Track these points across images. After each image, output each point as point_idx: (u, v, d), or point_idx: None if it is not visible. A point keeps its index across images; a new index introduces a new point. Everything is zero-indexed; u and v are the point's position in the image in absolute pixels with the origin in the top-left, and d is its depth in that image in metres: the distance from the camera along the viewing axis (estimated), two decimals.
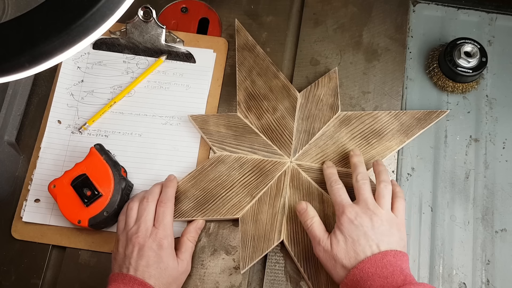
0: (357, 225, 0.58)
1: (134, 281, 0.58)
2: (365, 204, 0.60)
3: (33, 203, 0.69)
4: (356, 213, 0.59)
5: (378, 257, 0.56)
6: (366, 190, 0.62)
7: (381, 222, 0.59)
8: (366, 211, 0.60)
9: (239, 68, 0.75)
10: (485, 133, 0.74)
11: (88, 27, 0.39)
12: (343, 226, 0.59)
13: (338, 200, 0.62)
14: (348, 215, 0.59)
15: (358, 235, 0.58)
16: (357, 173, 0.64)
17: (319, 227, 0.62)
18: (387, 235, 0.59)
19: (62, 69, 0.75)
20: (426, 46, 0.78)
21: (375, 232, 0.58)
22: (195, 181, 0.70)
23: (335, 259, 0.58)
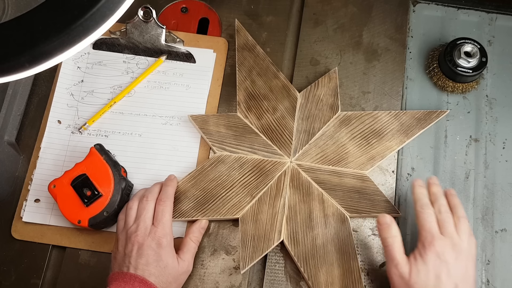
0: (442, 261, 0.57)
1: (135, 279, 0.58)
2: (451, 239, 0.58)
3: (33, 203, 0.69)
4: (444, 249, 0.57)
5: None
6: (451, 224, 0.60)
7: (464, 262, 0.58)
8: (454, 248, 0.58)
9: (239, 68, 0.75)
10: (485, 133, 0.74)
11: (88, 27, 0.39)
12: (428, 258, 0.57)
13: (427, 227, 0.59)
14: (437, 248, 0.57)
15: (441, 271, 0.56)
16: (440, 205, 0.62)
17: (400, 249, 0.59)
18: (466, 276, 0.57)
19: (62, 69, 0.75)
20: (426, 46, 0.78)
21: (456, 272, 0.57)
22: (195, 181, 0.70)
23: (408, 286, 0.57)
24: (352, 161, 0.71)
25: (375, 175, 0.71)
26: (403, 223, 0.69)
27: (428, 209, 0.61)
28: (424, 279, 0.56)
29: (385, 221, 0.61)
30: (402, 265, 0.58)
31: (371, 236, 0.68)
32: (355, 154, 0.71)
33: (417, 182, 0.64)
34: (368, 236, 0.68)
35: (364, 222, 0.69)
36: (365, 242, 0.68)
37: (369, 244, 0.68)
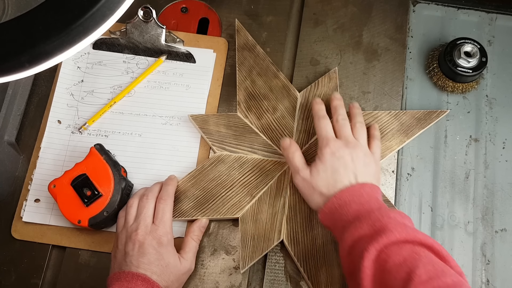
0: (338, 157, 0.62)
1: (138, 277, 0.58)
2: (346, 140, 0.64)
3: (33, 203, 0.69)
4: (339, 147, 0.63)
5: (356, 188, 0.60)
6: (346, 128, 0.65)
7: (360, 156, 0.63)
8: (347, 145, 0.63)
9: (239, 68, 0.75)
10: (485, 133, 0.74)
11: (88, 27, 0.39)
12: (324, 157, 0.62)
13: (323, 133, 0.65)
14: (331, 147, 0.63)
15: (338, 165, 0.61)
16: (337, 115, 0.67)
17: (300, 159, 0.65)
18: (364, 167, 0.62)
19: (62, 69, 0.75)
20: (426, 46, 0.78)
21: (354, 164, 0.62)
22: (195, 180, 0.70)
23: (314, 187, 0.62)
24: None
25: None
26: None
27: (324, 119, 0.66)
28: (324, 175, 0.61)
29: (286, 143, 0.66)
30: (303, 170, 0.63)
31: None
32: None
33: (315, 100, 0.69)
34: None
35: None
36: None
37: None
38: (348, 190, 0.60)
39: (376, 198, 0.60)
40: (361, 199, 0.59)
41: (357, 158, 0.62)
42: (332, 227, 0.61)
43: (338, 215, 0.59)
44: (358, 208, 0.58)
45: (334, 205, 0.59)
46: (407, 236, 0.52)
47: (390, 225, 0.54)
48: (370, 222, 0.55)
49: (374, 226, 0.54)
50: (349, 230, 0.56)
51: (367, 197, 0.59)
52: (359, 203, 0.58)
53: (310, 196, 0.63)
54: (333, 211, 0.59)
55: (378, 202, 0.59)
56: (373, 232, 0.54)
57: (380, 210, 0.56)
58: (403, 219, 0.56)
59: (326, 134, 0.64)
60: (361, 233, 0.55)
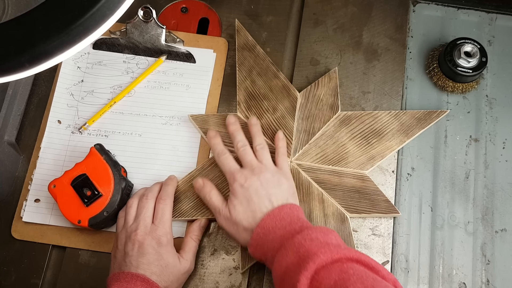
0: (247, 187, 0.62)
1: (137, 278, 0.58)
2: (250, 167, 0.64)
3: (33, 203, 0.69)
4: (245, 176, 0.63)
5: (276, 212, 0.60)
6: (248, 154, 0.65)
7: (268, 178, 0.63)
8: (253, 172, 0.63)
9: (239, 68, 0.75)
10: (485, 133, 0.74)
11: (88, 27, 0.39)
12: (235, 191, 0.62)
13: (227, 169, 0.65)
14: (239, 180, 0.62)
15: (250, 195, 0.61)
16: (236, 142, 0.67)
17: (217, 198, 0.64)
18: (276, 186, 0.62)
19: (62, 69, 0.75)
20: (426, 46, 0.78)
21: (264, 188, 0.62)
22: None
23: (236, 224, 0.61)
24: (352, 161, 0.71)
25: (375, 175, 0.71)
26: (403, 223, 0.69)
27: (224, 154, 0.66)
28: (241, 209, 0.61)
29: (199, 184, 0.66)
30: (222, 209, 0.63)
31: (371, 236, 0.68)
32: (355, 154, 0.71)
33: (209, 135, 0.69)
34: (368, 236, 0.68)
35: (364, 222, 0.69)
36: (365, 242, 0.68)
37: (369, 244, 0.68)
38: (268, 217, 0.59)
39: (297, 218, 0.59)
40: (283, 223, 0.58)
41: (266, 181, 0.62)
42: (263, 259, 0.59)
43: (265, 245, 0.58)
44: (282, 233, 0.57)
45: (259, 235, 0.59)
46: (333, 256, 0.52)
47: (314, 247, 0.53)
48: (295, 248, 0.54)
49: (299, 252, 0.54)
50: (277, 259, 0.56)
51: (288, 219, 0.59)
52: (282, 227, 0.58)
53: (237, 234, 0.62)
54: (260, 242, 0.59)
55: (300, 222, 0.58)
56: (299, 259, 0.53)
57: (302, 233, 0.55)
58: (325, 237, 0.55)
59: (230, 169, 0.64)
60: (288, 261, 0.54)
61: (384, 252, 0.68)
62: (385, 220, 0.69)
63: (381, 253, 0.68)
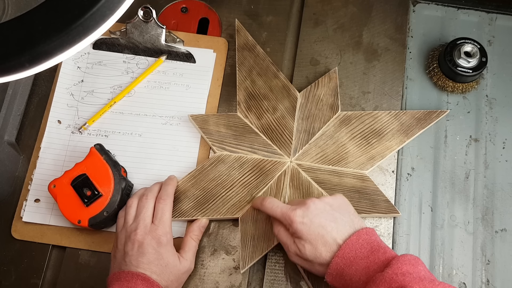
0: (309, 224, 0.58)
1: (137, 277, 0.58)
2: (297, 202, 0.62)
3: (33, 203, 0.69)
4: (302, 212, 0.59)
5: (354, 240, 0.57)
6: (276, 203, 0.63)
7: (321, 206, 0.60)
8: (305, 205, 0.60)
9: (239, 68, 0.75)
10: (485, 133, 0.74)
11: (88, 27, 0.39)
12: (298, 231, 0.58)
13: (278, 211, 0.61)
14: (296, 219, 0.59)
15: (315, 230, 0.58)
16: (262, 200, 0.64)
17: (285, 234, 0.61)
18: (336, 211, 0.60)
19: (62, 69, 0.75)
20: (426, 46, 0.78)
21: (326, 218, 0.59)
22: (195, 180, 0.70)
23: (310, 261, 0.59)
24: (352, 161, 0.71)
25: (375, 175, 0.71)
26: (403, 223, 0.69)
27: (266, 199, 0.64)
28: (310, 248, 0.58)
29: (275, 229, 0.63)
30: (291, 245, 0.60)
31: None
32: (355, 154, 0.71)
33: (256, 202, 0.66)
34: None
35: (364, 222, 0.69)
36: None
37: None
38: (346, 246, 0.56)
39: (377, 244, 0.57)
40: (363, 251, 0.56)
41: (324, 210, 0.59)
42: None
43: (348, 276, 0.56)
44: (366, 264, 0.55)
45: (339, 265, 0.56)
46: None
47: (407, 283, 0.51)
48: (386, 284, 0.52)
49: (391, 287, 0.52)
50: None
51: (368, 247, 0.57)
52: (364, 257, 0.56)
53: (311, 268, 0.60)
54: (340, 272, 0.56)
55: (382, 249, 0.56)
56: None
57: (392, 267, 0.53)
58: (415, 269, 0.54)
59: (281, 210, 0.61)
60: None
61: None
62: (385, 220, 0.69)
63: None
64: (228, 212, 0.68)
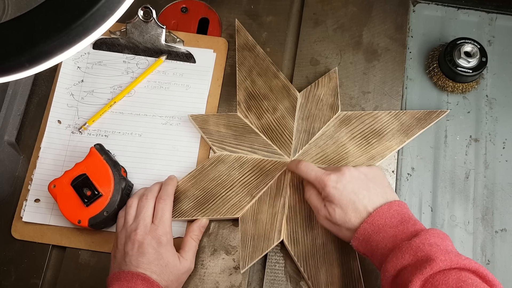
0: (342, 189, 0.59)
1: (137, 277, 0.58)
2: (333, 169, 0.62)
3: (33, 203, 0.69)
4: (336, 178, 0.60)
5: (385, 209, 0.58)
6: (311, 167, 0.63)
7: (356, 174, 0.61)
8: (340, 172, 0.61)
9: (239, 68, 0.75)
10: (485, 133, 0.74)
11: (88, 27, 0.39)
12: (330, 195, 0.60)
13: (313, 175, 0.62)
14: (330, 183, 0.60)
15: (348, 195, 0.59)
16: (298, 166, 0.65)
17: (316, 198, 0.62)
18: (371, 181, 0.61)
19: (62, 69, 0.75)
20: (426, 46, 0.78)
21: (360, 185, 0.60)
22: (195, 180, 0.70)
23: (338, 225, 0.60)
24: (352, 161, 0.71)
25: None
26: None
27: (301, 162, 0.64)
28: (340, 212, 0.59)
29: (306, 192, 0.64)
30: (321, 209, 0.61)
31: None
32: (355, 154, 0.71)
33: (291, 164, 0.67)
34: None
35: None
36: None
37: None
38: (377, 213, 0.57)
39: (408, 216, 0.58)
40: (393, 221, 0.57)
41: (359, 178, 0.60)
42: (369, 255, 0.58)
43: (375, 243, 0.57)
44: (394, 232, 0.56)
45: (367, 231, 0.57)
46: (452, 264, 0.51)
47: (433, 253, 0.52)
48: (412, 252, 0.53)
49: (416, 255, 0.53)
50: (390, 260, 0.54)
51: (399, 217, 0.57)
52: (393, 225, 0.57)
53: (339, 232, 0.61)
54: (367, 238, 0.57)
55: (412, 220, 0.57)
56: (416, 262, 0.52)
57: (420, 237, 0.54)
58: (443, 243, 0.54)
59: (316, 174, 0.62)
60: (404, 263, 0.53)
61: None
62: None
63: None
64: (228, 212, 0.68)
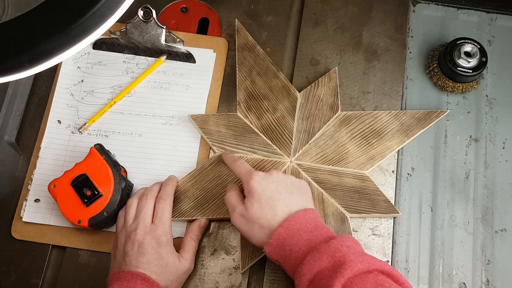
0: (266, 185, 0.60)
1: (137, 276, 0.58)
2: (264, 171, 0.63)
3: (33, 203, 0.69)
4: (263, 175, 0.61)
5: (301, 215, 0.58)
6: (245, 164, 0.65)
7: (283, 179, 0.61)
8: (269, 173, 0.61)
9: (239, 68, 0.75)
10: (485, 133, 0.74)
11: (88, 27, 0.39)
12: (253, 189, 0.60)
13: (243, 170, 0.63)
14: (256, 178, 0.60)
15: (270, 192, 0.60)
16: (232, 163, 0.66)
17: (235, 196, 0.63)
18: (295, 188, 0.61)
19: (62, 69, 0.75)
20: (426, 46, 0.78)
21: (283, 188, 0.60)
22: (195, 180, 0.70)
23: (252, 222, 0.59)
24: (352, 161, 0.71)
25: (375, 175, 0.71)
26: (403, 223, 0.69)
27: (240, 160, 0.66)
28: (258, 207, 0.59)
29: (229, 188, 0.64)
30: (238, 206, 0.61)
31: (371, 236, 0.68)
32: (355, 154, 0.71)
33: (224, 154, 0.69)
34: (368, 236, 0.68)
35: (364, 222, 0.69)
36: (365, 242, 0.68)
37: (369, 244, 0.68)
38: (293, 218, 0.58)
39: (321, 224, 0.59)
40: (308, 226, 0.57)
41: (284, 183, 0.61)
42: (282, 260, 0.58)
43: (288, 247, 0.57)
44: (308, 237, 0.56)
45: (281, 236, 0.57)
46: (369, 266, 0.52)
47: (351, 255, 0.52)
48: (330, 252, 0.53)
49: (334, 257, 0.53)
50: (307, 262, 0.54)
51: (313, 224, 0.58)
52: (308, 231, 0.57)
53: (251, 233, 0.60)
54: (281, 243, 0.57)
55: (326, 228, 0.58)
56: (335, 264, 0.52)
57: (337, 239, 0.55)
58: (357, 246, 0.55)
59: (246, 168, 0.63)
60: (322, 265, 0.53)
61: (384, 252, 0.68)
62: (385, 220, 0.69)
63: (381, 253, 0.68)
64: (228, 212, 0.68)
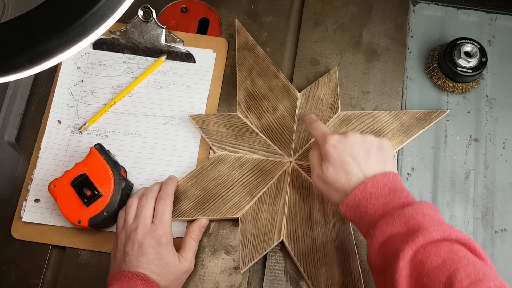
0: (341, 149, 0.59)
1: (137, 276, 0.58)
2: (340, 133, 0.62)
3: (33, 203, 0.69)
4: (338, 138, 0.60)
5: (379, 178, 0.57)
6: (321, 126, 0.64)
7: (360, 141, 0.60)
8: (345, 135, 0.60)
9: (239, 68, 0.75)
10: (485, 133, 0.74)
11: (88, 27, 0.39)
12: (328, 153, 0.59)
13: (319, 133, 0.62)
14: (331, 142, 0.60)
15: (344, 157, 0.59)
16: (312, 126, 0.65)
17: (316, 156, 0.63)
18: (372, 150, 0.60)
19: (62, 69, 0.75)
20: (426, 46, 0.78)
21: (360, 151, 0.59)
22: (195, 180, 0.70)
23: (328, 184, 0.60)
24: None
25: None
26: None
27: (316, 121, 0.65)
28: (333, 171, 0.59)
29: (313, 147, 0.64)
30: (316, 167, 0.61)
31: None
32: None
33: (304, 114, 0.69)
34: None
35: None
36: (365, 242, 0.68)
37: None
38: (370, 181, 0.56)
39: (401, 187, 0.57)
40: (386, 190, 0.56)
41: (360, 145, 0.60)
42: (356, 221, 0.58)
43: (364, 209, 0.56)
44: (385, 200, 0.55)
45: (357, 198, 0.56)
46: (444, 235, 0.50)
47: (426, 223, 0.51)
48: (404, 219, 0.52)
49: (408, 224, 0.52)
50: (379, 226, 0.54)
51: (392, 187, 0.56)
52: (385, 194, 0.56)
53: (328, 193, 0.61)
54: (356, 204, 0.57)
55: (405, 192, 0.56)
56: (408, 231, 0.52)
57: (413, 206, 0.53)
58: (436, 213, 0.54)
59: (322, 131, 0.62)
60: (394, 231, 0.53)
61: None
62: None
63: None
64: (228, 212, 0.68)
